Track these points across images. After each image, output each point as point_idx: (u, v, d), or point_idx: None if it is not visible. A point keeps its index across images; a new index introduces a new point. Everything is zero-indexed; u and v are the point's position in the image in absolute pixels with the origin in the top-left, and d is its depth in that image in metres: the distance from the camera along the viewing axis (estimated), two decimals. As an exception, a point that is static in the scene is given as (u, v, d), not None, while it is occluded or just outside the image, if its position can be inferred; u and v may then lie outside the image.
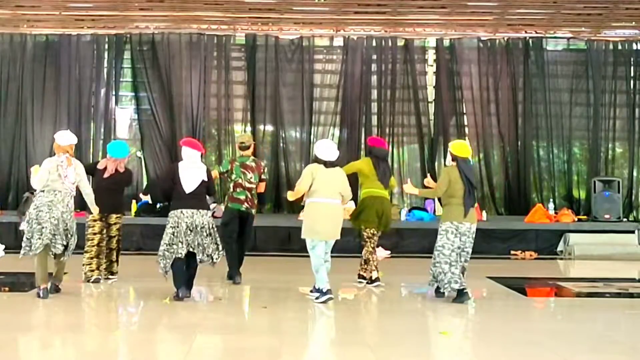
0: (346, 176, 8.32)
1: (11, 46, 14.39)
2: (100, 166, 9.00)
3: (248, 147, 9.41)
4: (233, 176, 9.22)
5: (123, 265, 9.42)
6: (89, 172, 8.99)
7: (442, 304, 8.25)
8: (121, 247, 9.25)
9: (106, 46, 14.49)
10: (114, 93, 14.51)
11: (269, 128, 14.62)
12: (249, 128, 14.54)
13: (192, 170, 7.99)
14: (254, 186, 9.25)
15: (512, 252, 12.61)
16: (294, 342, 6.34)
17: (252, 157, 9.41)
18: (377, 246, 11.62)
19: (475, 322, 7.70)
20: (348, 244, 12.29)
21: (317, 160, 8.16)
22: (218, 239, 8.05)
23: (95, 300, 8.12)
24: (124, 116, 14.83)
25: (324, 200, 8.00)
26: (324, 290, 8.00)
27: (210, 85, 14.55)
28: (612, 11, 13.88)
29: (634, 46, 14.79)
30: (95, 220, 8.86)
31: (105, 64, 14.54)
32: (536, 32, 14.60)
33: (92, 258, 8.93)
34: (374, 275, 9.14)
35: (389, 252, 11.83)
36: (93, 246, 8.92)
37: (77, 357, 6.04)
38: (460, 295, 8.02)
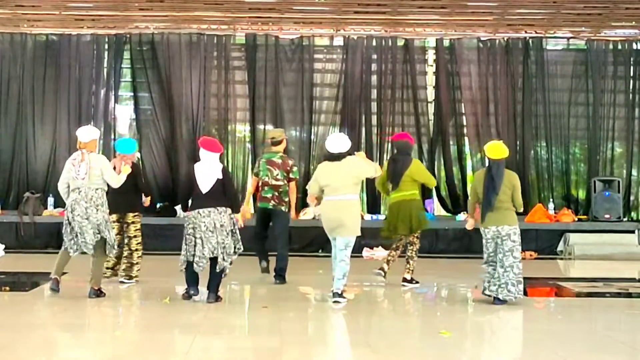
0: (359, 162, 8.25)
1: (11, 46, 14.36)
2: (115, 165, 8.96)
3: (279, 143, 9.43)
4: (260, 174, 9.30)
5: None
6: None
7: (442, 304, 8.27)
8: (140, 248, 9.20)
9: (106, 46, 14.44)
10: (113, 93, 14.48)
11: (269, 128, 14.58)
12: (248, 127, 14.53)
13: (207, 170, 7.99)
14: (281, 183, 9.26)
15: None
16: (294, 342, 6.35)
17: (281, 154, 9.39)
18: (377, 246, 11.71)
19: (475, 322, 7.71)
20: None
21: (325, 156, 8.29)
22: (239, 237, 8.03)
23: (95, 300, 8.11)
24: (124, 116, 14.78)
25: (329, 198, 8.08)
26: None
27: (210, 85, 14.52)
28: (612, 11, 13.86)
29: (634, 46, 14.76)
30: (113, 221, 8.79)
31: (105, 64, 14.48)
32: (536, 32, 14.58)
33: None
34: (384, 266, 9.33)
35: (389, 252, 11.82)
36: None
37: (77, 357, 6.04)
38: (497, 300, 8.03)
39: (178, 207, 13.17)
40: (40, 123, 14.25)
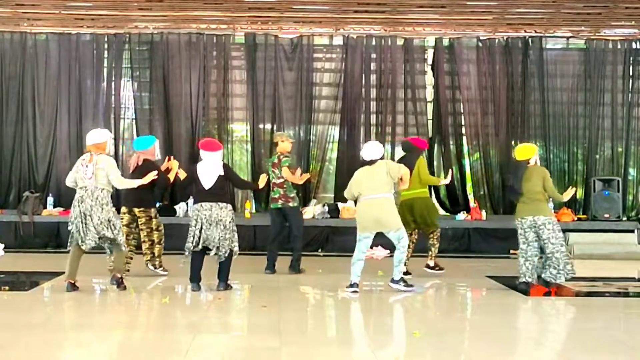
0: (390, 163, 8.95)
1: (11, 45, 14.37)
2: (130, 163, 9.70)
3: (277, 145, 10.16)
4: (270, 176, 9.92)
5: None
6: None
7: (442, 304, 8.25)
8: (153, 240, 9.56)
9: (106, 46, 14.45)
10: (113, 93, 14.49)
11: (269, 127, 14.60)
12: (248, 127, 14.53)
13: (209, 168, 8.57)
14: (283, 181, 9.87)
15: (512, 251, 12.59)
16: (294, 342, 6.35)
17: (278, 154, 10.05)
18: (377, 245, 11.69)
19: (475, 321, 7.72)
20: (347, 244, 12.33)
21: (362, 162, 8.91)
22: (236, 233, 8.55)
23: (95, 300, 8.12)
24: (124, 116, 14.77)
25: (366, 198, 8.64)
26: (351, 283, 8.60)
27: (210, 85, 14.52)
28: (612, 10, 13.85)
29: (633, 45, 14.77)
30: (124, 213, 9.44)
31: (105, 64, 14.50)
32: (535, 32, 14.58)
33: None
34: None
35: (388, 251, 11.82)
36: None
37: (77, 356, 6.04)
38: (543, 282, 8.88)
39: (178, 207, 13.18)
40: (40, 122, 14.25)
